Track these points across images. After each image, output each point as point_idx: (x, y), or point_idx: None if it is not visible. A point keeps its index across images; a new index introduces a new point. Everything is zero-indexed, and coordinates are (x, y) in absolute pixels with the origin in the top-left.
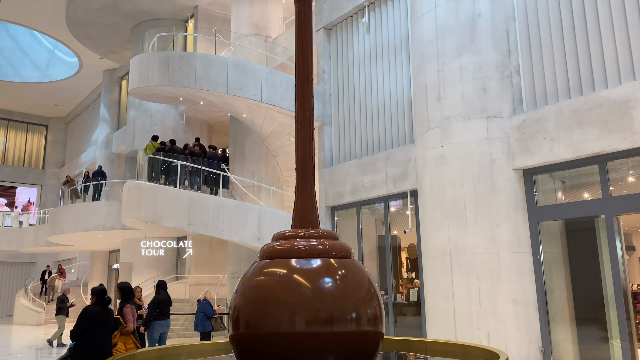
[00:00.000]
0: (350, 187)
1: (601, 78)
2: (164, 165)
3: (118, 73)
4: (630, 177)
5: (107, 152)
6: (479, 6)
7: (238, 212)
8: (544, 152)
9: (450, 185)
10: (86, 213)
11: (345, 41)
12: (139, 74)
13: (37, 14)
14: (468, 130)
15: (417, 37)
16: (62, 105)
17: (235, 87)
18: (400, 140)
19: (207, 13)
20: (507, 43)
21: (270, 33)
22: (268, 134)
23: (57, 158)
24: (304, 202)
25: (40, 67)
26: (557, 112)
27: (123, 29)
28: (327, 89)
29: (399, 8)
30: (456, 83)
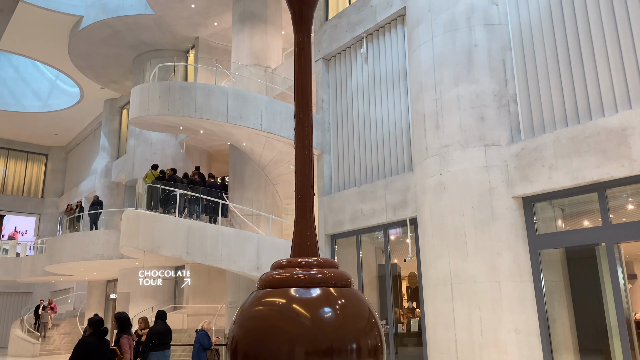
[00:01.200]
0: (349, 215)
1: (598, 106)
2: (163, 194)
3: (119, 103)
4: (630, 204)
5: (107, 181)
6: (476, 37)
7: (237, 241)
8: (543, 180)
9: (450, 213)
10: (84, 242)
11: (343, 71)
12: (140, 103)
13: (39, 45)
14: (467, 158)
15: (415, 67)
16: (62, 135)
17: (235, 116)
18: (399, 168)
19: (207, 44)
20: (504, 72)
21: (270, 63)
22: (267, 162)
23: (56, 187)
24: (304, 231)
25: (42, 97)
26: (555, 140)
27: (124, 59)
28: (326, 118)
29: (396, 39)
30: (454, 111)
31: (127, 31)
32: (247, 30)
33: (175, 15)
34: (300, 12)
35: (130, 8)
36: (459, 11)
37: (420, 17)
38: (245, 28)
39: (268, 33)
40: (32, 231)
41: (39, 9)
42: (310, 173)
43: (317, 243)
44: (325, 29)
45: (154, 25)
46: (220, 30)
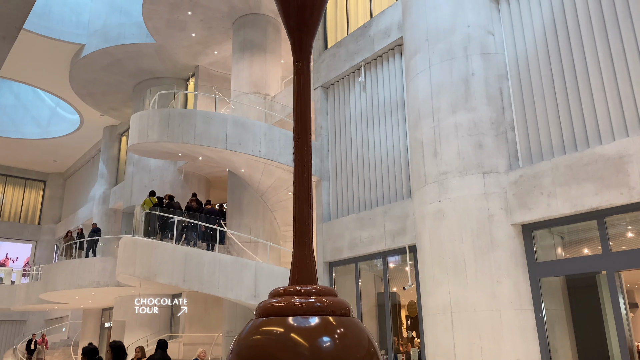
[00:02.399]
0: (348, 242)
1: (595, 134)
2: (160, 221)
3: (118, 130)
4: (630, 232)
5: (105, 207)
6: (472, 66)
7: (234, 268)
8: (542, 208)
9: (449, 240)
10: (80, 269)
11: (342, 99)
12: (139, 130)
13: (41, 72)
14: (465, 186)
15: (413, 95)
16: (61, 162)
17: (234, 143)
18: (398, 195)
19: (207, 72)
20: (501, 100)
21: (269, 91)
22: (266, 189)
23: (53, 214)
24: (302, 258)
25: (42, 123)
26: (553, 167)
27: (125, 87)
28: (325, 145)
29: (394, 67)
30: (452, 139)
31: (128, 59)
32: (247, 58)
33: (176, 44)
34: (300, 41)
35: (132, 37)
36: (455, 41)
37: (417, 47)
38: (245, 57)
39: (267, 61)
40: (23, 258)
41: (41, 37)
42: (309, 200)
43: (315, 271)
44: (324, 58)
45: (155, 53)
46: (221, 58)
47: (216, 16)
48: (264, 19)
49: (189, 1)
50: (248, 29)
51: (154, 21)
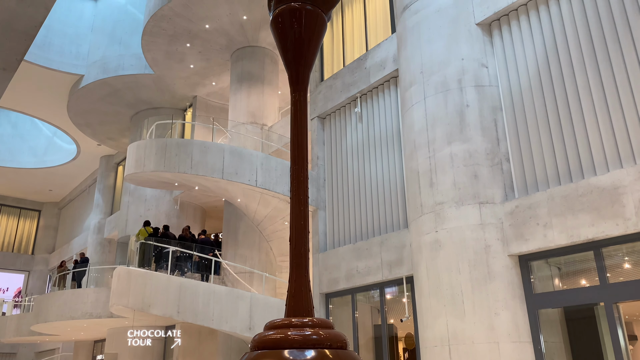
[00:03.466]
0: (344, 272)
1: (589, 165)
2: (155, 251)
3: (115, 159)
4: (627, 263)
5: (99, 237)
6: (467, 97)
7: (229, 300)
8: (538, 238)
9: (446, 271)
10: (73, 300)
11: (338, 129)
12: (136, 160)
13: (39, 102)
14: (462, 216)
15: (408, 126)
16: (56, 191)
17: (230, 173)
18: (394, 225)
19: (205, 102)
20: (496, 132)
21: (266, 121)
22: (262, 219)
23: (47, 244)
24: (298, 289)
25: (38, 153)
26: (549, 198)
27: (122, 117)
28: (321, 174)
29: (389, 98)
30: (447, 169)
31: (126, 90)
32: (245, 89)
33: (174, 75)
34: (297, 73)
35: (131, 68)
36: (450, 73)
37: (412, 79)
38: (242, 88)
39: (265, 92)
40: (14, 289)
41: (40, 68)
42: (306, 230)
43: (312, 302)
44: (321, 89)
45: (153, 84)
46: (218, 89)
47: (214, 48)
48: (262, 51)
49: (188, 33)
50: (246, 61)
51: (153, 53)
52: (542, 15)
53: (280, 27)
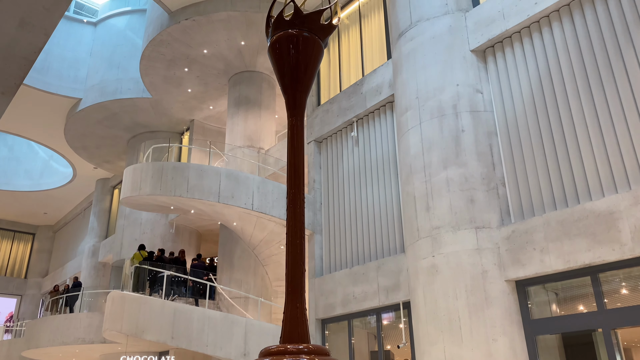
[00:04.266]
0: (341, 298)
1: (584, 190)
2: (150, 275)
3: (111, 182)
4: (624, 289)
5: (94, 261)
6: (462, 122)
7: (224, 325)
8: (535, 263)
9: (443, 297)
10: (65, 325)
11: (335, 153)
12: (132, 183)
13: (36, 125)
14: (458, 241)
15: (404, 150)
16: (51, 214)
17: (227, 196)
18: (391, 249)
19: (202, 126)
20: (491, 156)
21: (263, 145)
22: (258, 243)
23: (40, 267)
24: (294, 315)
25: (34, 176)
26: (545, 223)
27: (119, 140)
28: (318, 198)
29: (385, 123)
30: (444, 194)
31: (123, 113)
32: (242, 113)
33: (172, 99)
34: (294, 98)
35: (128, 92)
36: (445, 99)
37: (408, 104)
38: (240, 112)
39: (262, 116)
40: (6, 313)
41: (38, 92)
42: (302, 254)
43: (307, 328)
44: (317, 113)
45: (151, 108)
46: (216, 113)
47: (212, 73)
48: (259, 76)
49: (186, 58)
50: (243, 85)
51: (151, 77)
52: (536, 42)
53: (278, 52)
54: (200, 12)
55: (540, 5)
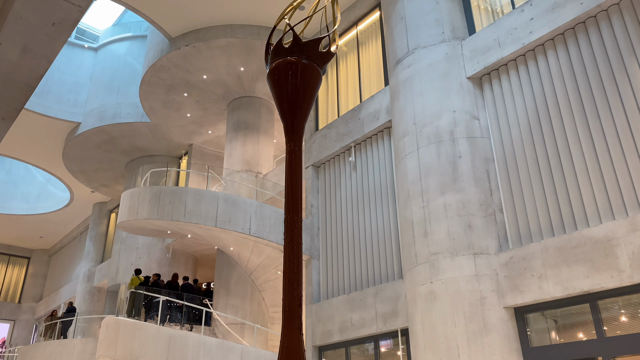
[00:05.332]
0: (338, 324)
1: (582, 216)
2: (145, 300)
3: (108, 206)
4: (623, 316)
5: (89, 285)
6: (459, 148)
7: (219, 352)
8: (534, 290)
9: (442, 324)
10: (58, 352)
11: (332, 177)
12: (129, 207)
13: (34, 149)
14: (456, 267)
15: (402, 176)
16: (47, 238)
17: (224, 221)
18: (389, 275)
19: (201, 150)
20: (489, 182)
21: (261, 169)
22: (255, 268)
23: (35, 292)
24: (291, 342)
25: (30, 199)
26: (543, 249)
27: (117, 164)
28: (315, 223)
29: (383, 148)
30: (441, 219)
31: (122, 137)
32: (240, 138)
33: (171, 124)
34: (293, 124)
35: (127, 116)
36: (442, 125)
37: (405, 130)
38: (238, 136)
39: (260, 141)
40: None
41: (37, 115)
42: (299, 281)
43: (304, 356)
44: (316, 139)
45: (149, 132)
46: (214, 137)
47: (212, 98)
48: (258, 101)
49: (186, 84)
50: (242, 110)
51: (151, 102)
52: (531, 70)
53: (277, 79)
54: (201, 38)
55: (535, 34)
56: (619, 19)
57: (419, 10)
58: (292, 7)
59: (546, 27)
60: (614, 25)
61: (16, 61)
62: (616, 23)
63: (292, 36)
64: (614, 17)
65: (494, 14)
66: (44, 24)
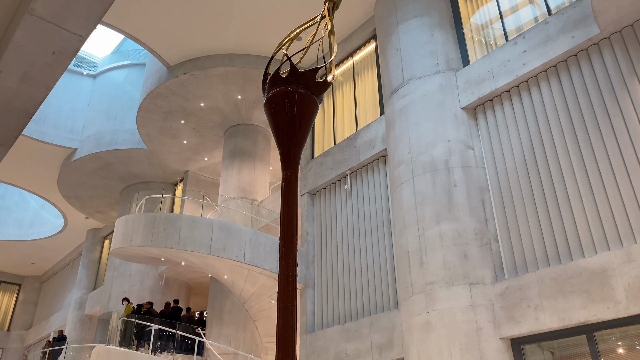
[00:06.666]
0: (333, 356)
1: (577, 247)
2: (137, 329)
3: (102, 233)
4: (620, 348)
5: (80, 313)
6: (454, 177)
7: None
8: (530, 321)
9: (438, 355)
10: None
11: (328, 205)
12: (124, 234)
13: (29, 174)
14: (452, 297)
15: (397, 204)
16: (39, 264)
17: (218, 248)
18: (385, 305)
19: (196, 177)
20: (484, 212)
21: (256, 196)
22: (248, 297)
23: (25, 319)
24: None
25: (24, 225)
26: (539, 280)
27: (113, 190)
28: (311, 251)
29: (378, 176)
30: (437, 249)
31: (118, 164)
32: (236, 165)
33: (167, 151)
34: (289, 151)
35: (124, 142)
36: (437, 154)
37: (401, 159)
38: (234, 163)
39: (256, 168)
40: None
41: (34, 141)
42: (294, 310)
43: None
44: (312, 166)
45: (145, 159)
46: (210, 164)
47: (208, 125)
48: (255, 129)
49: (183, 111)
50: (239, 137)
51: (147, 128)
52: (525, 101)
53: (274, 107)
54: (199, 67)
55: (528, 66)
56: (609, 52)
57: (414, 42)
58: (290, 38)
59: (539, 59)
60: (605, 58)
61: (15, 89)
62: (607, 56)
63: (290, 66)
64: (605, 50)
65: (487, 46)
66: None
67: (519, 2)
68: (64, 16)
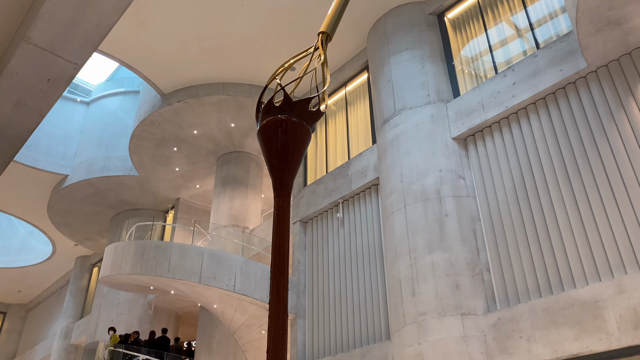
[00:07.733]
0: None
1: (568, 278)
2: (124, 359)
3: (91, 260)
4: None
5: (66, 342)
6: (446, 207)
7: None
8: (522, 353)
9: None
10: None
11: (320, 233)
12: (113, 261)
13: (19, 200)
14: (444, 327)
15: (389, 233)
16: (25, 292)
17: (208, 277)
18: (376, 336)
19: (187, 204)
20: (475, 241)
21: (248, 224)
22: (238, 327)
23: (8, 349)
24: None
25: (11, 252)
26: (531, 310)
27: (103, 217)
28: (302, 280)
29: (370, 205)
30: (429, 278)
31: (109, 190)
32: (228, 192)
33: (159, 178)
34: (281, 179)
35: (116, 169)
36: (428, 183)
37: (392, 188)
38: (226, 191)
39: (248, 196)
40: None
41: (24, 167)
42: (284, 340)
43: None
44: (304, 194)
45: (137, 185)
46: (202, 192)
47: (201, 153)
48: (247, 156)
49: (176, 138)
50: (231, 165)
51: (140, 155)
52: (515, 132)
53: (267, 136)
54: (193, 95)
55: (517, 98)
56: (597, 85)
57: (405, 73)
58: (284, 68)
59: (528, 91)
60: (592, 91)
61: (8, 115)
62: (594, 89)
63: (283, 95)
64: (592, 83)
65: (477, 79)
66: (39, 80)
67: (508, 36)
68: (60, 44)
